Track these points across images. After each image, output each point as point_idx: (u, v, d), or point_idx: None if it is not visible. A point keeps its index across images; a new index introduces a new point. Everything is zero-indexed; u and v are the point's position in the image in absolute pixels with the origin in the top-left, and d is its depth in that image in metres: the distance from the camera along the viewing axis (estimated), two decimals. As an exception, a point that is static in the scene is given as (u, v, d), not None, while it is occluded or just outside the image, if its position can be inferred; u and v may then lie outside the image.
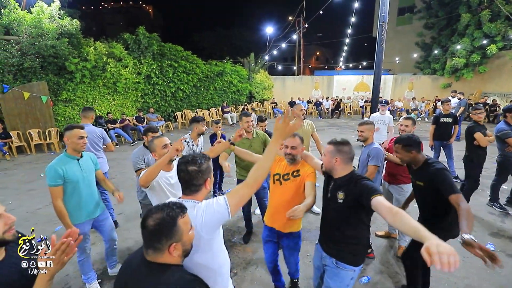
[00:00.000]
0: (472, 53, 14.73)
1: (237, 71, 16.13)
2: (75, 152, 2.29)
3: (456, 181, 5.23)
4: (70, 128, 2.25)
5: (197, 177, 1.30)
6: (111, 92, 10.33)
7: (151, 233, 1.00)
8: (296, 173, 2.07)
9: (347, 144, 1.74)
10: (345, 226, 1.74)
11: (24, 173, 6.43)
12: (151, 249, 1.02)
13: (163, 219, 1.01)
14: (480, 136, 3.71)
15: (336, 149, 1.72)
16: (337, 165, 1.72)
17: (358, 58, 29.97)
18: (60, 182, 2.14)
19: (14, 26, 7.57)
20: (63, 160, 2.23)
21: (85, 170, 2.32)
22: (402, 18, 24.60)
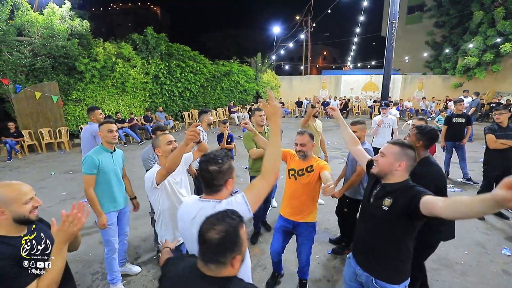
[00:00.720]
0: (485, 52, 14.37)
1: (244, 71, 16.12)
2: (109, 145, 2.47)
3: (469, 183, 5.10)
4: (101, 124, 2.47)
5: (217, 177, 1.25)
6: (120, 92, 10.45)
7: (216, 247, 0.92)
8: (310, 169, 2.21)
9: (413, 148, 1.54)
10: (387, 238, 1.51)
11: (36, 171, 6.55)
12: (213, 264, 0.93)
13: (228, 231, 0.93)
14: (489, 137, 3.62)
15: (403, 152, 1.50)
16: (400, 170, 1.50)
17: (366, 57, 29.64)
18: (95, 172, 2.31)
19: (27, 28, 7.72)
20: (99, 151, 2.41)
21: (116, 163, 2.50)
22: (411, 17, 24.18)
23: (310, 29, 21.96)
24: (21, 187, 1.21)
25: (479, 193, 3.90)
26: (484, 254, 3.04)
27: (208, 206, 1.24)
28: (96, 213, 2.33)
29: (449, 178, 5.40)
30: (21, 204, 1.17)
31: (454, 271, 2.75)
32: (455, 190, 4.80)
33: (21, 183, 1.24)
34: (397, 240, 1.50)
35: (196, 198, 1.35)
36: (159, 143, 1.97)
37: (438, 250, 3.07)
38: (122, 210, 2.58)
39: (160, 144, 1.96)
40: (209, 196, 1.30)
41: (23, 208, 1.18)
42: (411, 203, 1.35)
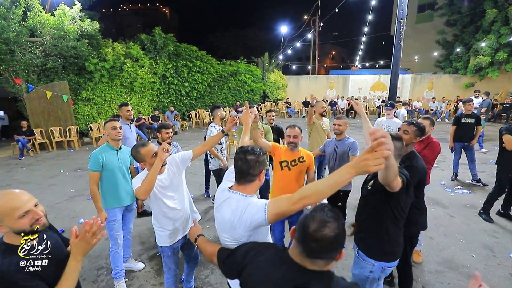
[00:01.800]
0: (498, 51, 14.00)
1: (251, 71, 16.14)
2: (114, 142, 2.53)
3: (478, 184, 4.98)
4: (106, 122, 2.54)
5: (254, 167, 1.30)
6: (128, 92, 10.61)
7: (330, 244, 0.90)
8: (302, 159, 2.49)
9: (400, 140, 1.72)
10: (369, 215, 1.76)
11: (46, 169, 6.71)
12: (323, 260, 0.93)
13: (339, 228, 0.91)
14: (508, 138, 3.47)
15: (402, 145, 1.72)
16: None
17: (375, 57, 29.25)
18: (99, 168, 2.38)
19: (39, 29, 7.92)
20: (104, 149, 2.48)
21: (121, 161, 2.53)
22: (422, 16, 23.76)
23: (318, 28, 21.81)
24: (15, 199, 1.08)
25: (490, 195, 3.79)
26: (492, 257, 2.96)
27: (233, 199, 1.30)
28: (97, 209, 2.39)
29: (457, 179, 5.28)
30: (15, 219, 1.06)
31: (460, 274, 2.70)
32: (463, 192, 4.69)
33: (18, 192, 1.10)
34: (377, 218, 1.72)
35: (226, 187, 1.39)
36: (143, 157, 1.82)
37: (444, 252, 3.05)
38: (128, 207, 2.63)
39: (145, 158, 1.83)
40: (240, 186, 1.33)
41: (19, 223, 1.07)
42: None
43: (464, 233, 3.44)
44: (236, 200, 1.29)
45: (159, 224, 1.99)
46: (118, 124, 2.53)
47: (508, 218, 3.76)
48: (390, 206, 1.68)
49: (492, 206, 3.79)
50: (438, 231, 3.47)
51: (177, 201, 2.00)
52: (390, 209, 1.69)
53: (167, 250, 2.03)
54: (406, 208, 1.73)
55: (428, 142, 2.93)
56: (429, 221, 3.78)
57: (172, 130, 3.16)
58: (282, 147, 2.57)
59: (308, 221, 0.93)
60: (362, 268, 1.79)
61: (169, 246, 2.01)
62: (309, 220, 0.93)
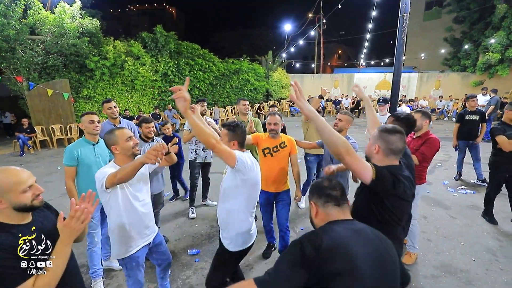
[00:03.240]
0: (508, 48, 13.55)
1: (254, 69, 16.02)
2: (91, 136, 2.42)
3: (483, 184, 4.74)
4: (82, 115, 2.44)
5: None
6: (129, 90, 10.61)
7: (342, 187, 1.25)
8: (283, 145, 2.62)
9: (395, 133, 1.48)
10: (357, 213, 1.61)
11: (44, 166, 6.72)
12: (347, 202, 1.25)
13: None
14: (502, 139, 3.26)
15: (379, 135, 1.52)
16: (375, 153, 1.52)
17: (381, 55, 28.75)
18: (74, 163, 2.30)
19: (39, 26, 7.96)
20: (80, 143, 2.38)
21: (99, 156, 2.42)
22: (429, 13, 23.19)
23: (323, 26, 21.55)
24: (18, 174, 1.10)
25: (487, 195, 3.60)
26: (494, 262, 2.77)
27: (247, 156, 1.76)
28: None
29: (461, 179, 5.06)
30: (19, 193, 1.08)
31: (458, 279, 2.52)
32: (467, 192, 4.47)
33: (18, 169, 1.13)
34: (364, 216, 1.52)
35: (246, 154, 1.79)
36: (116, 139, 1.71)
37: (442, 256, 2.87)
38: None
39: (118, 141, 1.71)
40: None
41: (22, 197, 1.09)
42: None
43: (465, 235, 3.25)
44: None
45: (118, 230, 1.73)
46: (96, 117, 2.42)
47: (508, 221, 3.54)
48: (373, 206, 1.48)
49: (493, 206, 3.59)
50: (437, 233, 3.29)
51: (142, 203, 1.82)
52: (373, 210, 1.49)
53: (130, 261, 1.77)
54: (397, 211, 1.45)
55: (426, 138, 2.75)
56: (429, 223, 3.62)
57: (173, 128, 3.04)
58: (263, 135, 2.68)
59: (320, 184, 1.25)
60: None
61: (131, 255, 1.77)
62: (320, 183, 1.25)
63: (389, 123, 2.14)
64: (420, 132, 2.78)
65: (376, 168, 1.37)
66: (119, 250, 1.76)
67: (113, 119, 3.13)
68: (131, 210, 1.74)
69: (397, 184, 1.38)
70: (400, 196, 1.42)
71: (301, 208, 4.01)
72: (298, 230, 3.44)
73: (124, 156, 1.76)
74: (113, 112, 3.09)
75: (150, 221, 1.90)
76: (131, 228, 1.75)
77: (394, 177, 1.40)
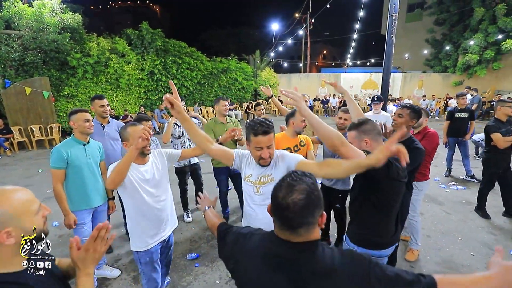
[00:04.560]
0: (486, 49, 14.19)
1: (242, 68, 15.89)
2: (83, 136, 2.24)
3: (472, 180, 4.89)
4: (74, 112, 2.20)
5: None
6: (114, 88, 10.23)
7: (302, 208, 0.82)
8: (302, 143, 2.60)
9: (366, 122, 1.61)
10: (353, 201, 1.74)
11: (23, 169, 6.32)
12: (303, 228, 0.84)
13: (310, 187, 0.84)
14: (498, 137, 3.34)
15: (358, 132, 1.62)
16: (369, 146, 1.60)
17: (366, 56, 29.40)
18: (63, 165, 2.11)
19: (15, 20, 7.50)
20: (69, 143, 2.19)
21: (90, 157, 2.25)
22: (411, 15, 23.95)
23: (309, 26, 21.73)
24: (24, 193, 0.87)
25: (481, 191, 3.68)
26: (492, 255, 2.80)
27: None
28: (63, 212, 2.10)
29: (451, 175, 5.19)
30: (33, 215, 0.86)
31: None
32: (458, 188, 4.58)
33: (17, 188, 0.87)
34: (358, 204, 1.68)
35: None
36: (127, 135, 1.67)
37: (442, 252, 2.89)
38: (99, 208, 2.34)
39: (128, 137, 1.67)
40: None
41: (36, 220, 0.87)
42: None
43: (461, 231, 3.30)
44: None
45: (133, 222, 1.75)
46: (90, 116, 2.24)
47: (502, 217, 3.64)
48: (368, 192, 1.59)
49: (486, 201, 3.68)
50: (435, 229, 3.32)
51: (157, 199, 1.77)
52: (369, 195, 1.60)
53: (144, 256, 1.78)
54: (393, 195, 1.57)
55: (425, 132, 2.78)
56: (426, 219, 3.66)
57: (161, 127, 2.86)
58: (277, 136, 2.52)
59: (276, 190, 0.87)
60: None
61: (146, 250, 1.77)
62: (276, 188, 0.87)
63: (399, 111, 2.29)
64: (419, 129, 2.82)
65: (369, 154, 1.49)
66: (135, 243, 1.77)
67: (103, 118, 2.83)
68: (145, 206, 1.72)
69: (391, 167, 1.46)
70: (393, 178, 1.50)
71: None
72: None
73: None
74: (105, 111, 2.79)
75: (167, 217, 1.87)
76: (145, 224, 1.74)
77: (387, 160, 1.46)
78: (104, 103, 2.79)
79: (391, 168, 1.47)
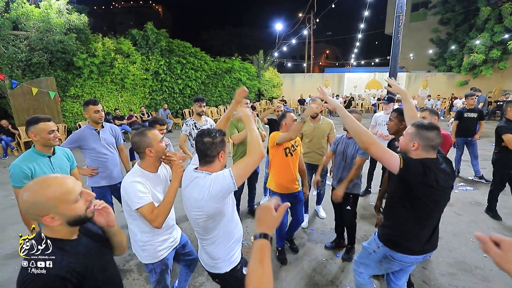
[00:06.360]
0: (492, 49, 14.08)
1: (246, 68, 15.90)
2: (46, 148, 1.96)
3: (481, 181, 4.85)
4: (33, 122, 1.88)
5: (211, 148, 1.38)
6: (119, 89, 10.26)
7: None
8: (296, 144, 2.65)
9: (433, 129, 1.51)
10: (389, 201, 1.75)
11: (31, 169, 6.36)
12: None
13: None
14: (509, 138, 3.27)
15: (416, 132, 1.53)
16: (414, 150, 1.53)
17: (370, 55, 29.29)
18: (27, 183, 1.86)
19: (22, 21, 7.52)
20: (31, 157, 1.90)
21: (57, 169, 1.99)
22: (415, 14, 23.82)
23: (313, 26, 21.68)
24: (64, 182, 0.96)
25: (491, 192, 3.64)
26: (505, 257, 2.79)
27: (200, 177, 1.37)
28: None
29: (459, 176, 5.15)
30: (72, 203, 0.95)
31: (474, 276, 2.51)
32: (467, 189, 4.55)
33: (60, 176, 0.99)
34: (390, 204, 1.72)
35: (192, 168, 1.46)
36: (149, 141, 1.54)
37: (454, 253, 2.87)
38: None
39: (151, 143, 1.55)
40: (203, 167, 1.42)
41: (76, 208, 0.96)
42: None
43: (473, 232, 3.26)
44: (202, 178, 1.36)
45: (146, 238, 1.65)
46: (55, 126, 1.97)
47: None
48: (402, 195, 1.57)
49: (497, 201, 3.65)
50: (446, 230, 3.30)
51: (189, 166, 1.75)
52: (402, 199, 1.58)
53: (160, 265, 1.72)
54: (428, 199, 1.50)
55: (438, 135, 2.74)
56: (436, 220, 3.64)
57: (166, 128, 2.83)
58: (274, 137, 2.58)
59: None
60: (371, 244, 1.82)
61: (161, 260, 1.71)
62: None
63: (393, 117, 2.32)
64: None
65: (403, 158, 1.47)
66: (148, 255, 1.69)
67: (97, 124, 2.66)
68: None
69: (428, 174, 1.44)
70: (430, 185, 1.46)
71: (321, 217, 3.71)
72: (309, 231, 3.37)
73: (155, 160, 1.60)
74: (100, 116, 2.62)
75: (172, 221, 1.84)
76: (154, 232, 1.66)
77: (425, 167, 1.46)
78: (99, 108, 2.62)
79: (427, 175, 1.43)
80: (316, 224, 3.53)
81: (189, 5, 59.43)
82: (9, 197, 4.60)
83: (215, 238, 1.44)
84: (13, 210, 4.10)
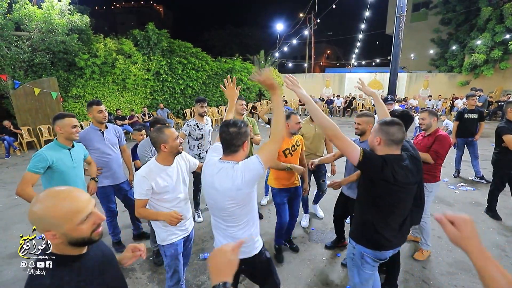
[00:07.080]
0: (493, 49, 14.06)
1: (247, 68, 15.92)
2: (67, 141, 2.18)
3: (481, 181, 4.86)
4: (61, 117, 2.12)
5: (236, 138, 1.42)
6: (120, 89, 10.30)
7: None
8: (298, 144, 2.70)
9: (393, 125, 1.57)
10: (358, 200, 1.80)
11: (33, 169, 6.40)
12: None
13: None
14: (510, 139, 3.27)
15: (379, 128, 1.61)
16: (377, 145, 1.62)
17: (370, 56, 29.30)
18: (41, 172, 2.00)
19: (25, 22, 7.58)
20: (54, 148, 2.11)
21: (75, 161, 2.22)
22: (417, 14, 23.79)
23: (314, 26, 21.69)
24: (75, 201, 0.89)
25: (491, 192, 3.66)
26: (505, 257, 2.82)
27: (228, 167, 1.41)
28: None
29: (460, 176, 5.17)
30: (76, 225, 0.88)
31: (474, 276, 2.53)
32: (467, 189, 4.57)
33: (76, 192, 0.92)
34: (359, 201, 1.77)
35: (217, 160, 1.50)
36: (166, 138, 1.72)
37: (453, 253, 2.89)
38: None
39: (167, 139, 1.72)
40: (228, 157, 1.46)
41: (79, 230, 0.89)
42: None
43: (472, 232, 3.29)
44: (231, 167, 1.40)
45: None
46: (77, 122, 2.20)
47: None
48: (368, 191, 1.65)
49: (496, 202, 3.66)
50: (446, 230, 3.31)
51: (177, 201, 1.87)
52: (368, 194, 1.66)
53: (170, 248, 1.87)
54: (388, 196, 1.55)
55: (436, 135, 2.75)
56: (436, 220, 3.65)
57: None
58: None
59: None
60: (349, 248, 1.86)
61: (171, 243, 1.87)
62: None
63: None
64: (430, 131, 2.81)
65: (364, 151, 1.52)
66: (161, 236, 1.87)
67: (101, 124, 2.73)
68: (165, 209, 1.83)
69: (385, 169, 1.48)
70: (388, 181, 1.50)
71: (319, 217, 3.72)
72: (309, 231, 3.40)
73: (170, 155, 1.78)
74: (104, 116, 2.69)
75: (188, 213, 1.97)
76: None
77: (384, 162, 1.51)
78: (103, 109, 2.69)
79: (385, 171, 1.48)
80: (316, 224, 3.55)
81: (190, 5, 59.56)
82: (12, 197, 4.64)
83: (246, 222, 1.50)
84: (17, 210, 4.15)
